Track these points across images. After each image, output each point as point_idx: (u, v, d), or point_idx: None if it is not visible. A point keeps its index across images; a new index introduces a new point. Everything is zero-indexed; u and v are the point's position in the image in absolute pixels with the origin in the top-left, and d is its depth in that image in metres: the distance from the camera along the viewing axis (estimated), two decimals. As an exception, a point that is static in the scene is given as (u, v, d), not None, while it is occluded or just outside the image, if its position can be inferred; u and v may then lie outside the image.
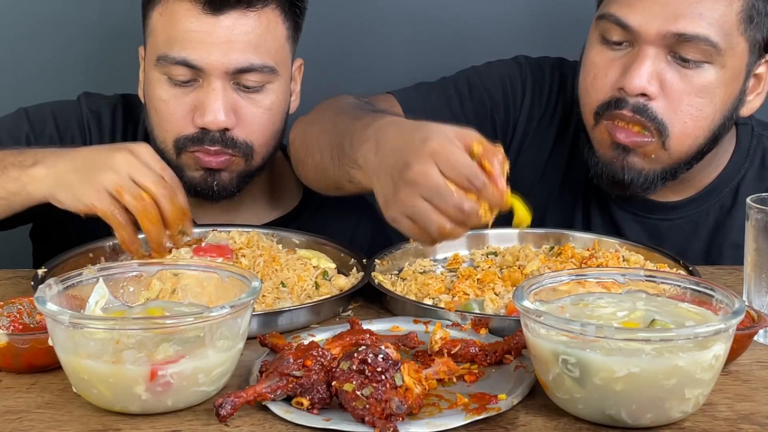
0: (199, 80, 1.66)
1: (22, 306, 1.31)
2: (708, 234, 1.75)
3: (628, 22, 1.59)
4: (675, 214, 1.75)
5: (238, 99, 1.67)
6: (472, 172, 1.25)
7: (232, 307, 1.14)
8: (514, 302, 1.15)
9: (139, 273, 1.31)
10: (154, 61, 1.67)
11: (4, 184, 1.50)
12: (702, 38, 1.56)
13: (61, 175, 1.45)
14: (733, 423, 1.12)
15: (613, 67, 1.62)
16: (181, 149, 1.68)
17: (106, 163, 1.43)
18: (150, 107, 1.71)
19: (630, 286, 1.25)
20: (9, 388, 1.21)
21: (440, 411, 1.12)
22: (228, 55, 1.64)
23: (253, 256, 1.50)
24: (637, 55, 1.59)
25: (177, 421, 1.12)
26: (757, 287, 1.35)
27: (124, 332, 1.13)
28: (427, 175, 1.25)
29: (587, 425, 1.11)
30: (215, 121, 1.64)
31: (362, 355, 1.10)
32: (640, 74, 1.57)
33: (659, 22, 1.57)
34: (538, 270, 1.49)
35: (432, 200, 1.25)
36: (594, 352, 1.07)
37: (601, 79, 1.63)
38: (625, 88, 1.59)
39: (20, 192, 1.49)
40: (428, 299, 1.44)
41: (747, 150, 1.76)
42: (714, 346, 1.08)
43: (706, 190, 1.75)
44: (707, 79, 1.59)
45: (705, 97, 1.60)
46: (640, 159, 1.62)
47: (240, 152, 1.68)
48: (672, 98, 1.59)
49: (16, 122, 1.77)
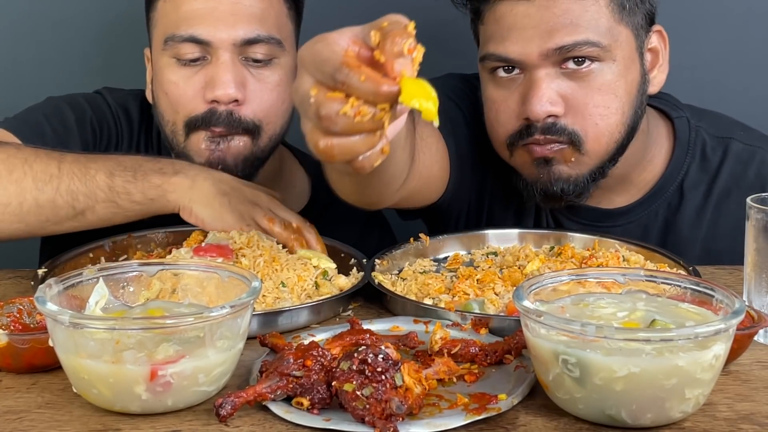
0: (207, 57, 1.67)
1: (22, 306, 1.31)
2: (659, 234, 1.75)
3: (509, 55, 1.59)
4: (624, 219, 1.75)
5: (247, 74, 1.68)
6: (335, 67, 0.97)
7: (232, 307, 1.14)
8: (514, 302, 1.15)
9: (139, 273, 1.31)
10: (162, 46, 1.69)
11: (144, 190, 1.53)
12: (584, 43, 1.57)
13: (208, 194, 1.56)
14: (733, 423, 1.12)
15: (511, 100, 1.62)
16: (192, 129, 1.69)
17: (254, 199, 1.60)
18: (160, 94, 1.72)
19: (630, 286, 1.24)
20: (9, 388, 1.21)
21: (440, 411, 1.12)
22: (235, 27, 1.66)
23: (253, 256, 1.50)
24: (531, 82, 1.59)
25: (177, 421, 1.12)
26: (757, 287, 1.35)
27: (124, 332, 1.13)
28: (298, 87, 1.01)
29: (587, 425, 1.11)
30: (226, 93, 1.65)
31: (362, 355, 1.10)
32: (539, 100, 1.57)
33: (537, 44, 1.57)
34: (538, 270, 1.49)
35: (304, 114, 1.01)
36: (594, 352, 1.07)
37: (504, 113, 1.63)
38: (530, 117, 1.59)
39: (159, 199, 1.54)
40: (428, 299, 1.44)
41: (687, 144, 1.75)
42: (714, 346, 1.08)
43: (652, 192, 1.75)
44: (604, 78, 1.59)
45: (608, 94, 1.60)
46: (564, 166, 1.62)
47: (247, 132, 1.69)
48: (577, 108, 1.59)
49: (58, 109, 1.76)
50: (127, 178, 1.53)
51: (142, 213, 1.55)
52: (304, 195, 1.89)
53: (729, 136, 1.76)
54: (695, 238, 1.74)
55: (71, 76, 2.18)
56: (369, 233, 1.89)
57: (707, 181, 1.74)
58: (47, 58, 2.20)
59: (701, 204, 1.74)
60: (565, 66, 1.58)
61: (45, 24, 2.20)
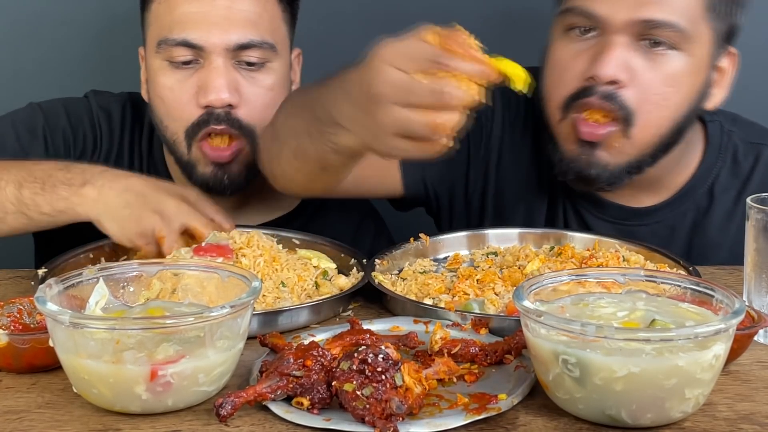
0: (200, 61, 1.67)
1: (22, 306, 1.31)
2: (686, 236, 1.74)
3: (596, 11, 1.57)
4: (651, 218, 1.74)
5: (240, 78, 1.68)
6: (435, 54, 1.16)
7: (232, 307, 1.14)
8: (514, 302, 1.15)
9: (139, 273, 1.31)
10: (155, 49, 1.69)
11: (52, 202, 1.51)
12: (670, 24, 1.55)
13: (112, 206, 1.50)
14: (733, 423, 1.12)
15: (580, 59, 1.60)
16: (192, 139, 1.69)
17: (157, 208, 1.50)
18: (155, 99, 1.72)
19: (630, 286, 1.24)
20: (9, 388, 1.21)
21: (440, 411, 1.12)
22: (227, 32, 1.66)
23: (253, 256, 1.50)
24: (605, 44, 1.57)
25: (177, 421, 1.12)
26: (757, 287, 1.35)
27: (124, 332, 1.13)
28: (388, 79, 1.17)
29: (587, 425, 1.11)
30: (219, 98, 1.65)
31: (362, 355, 1.10)
32: (609, 61, 1.56)
33: (626, 10, 1.55)
34: (538, 270, 1.49)
35: (406, 100, 1.17)
36: (594, 352, 1.07)
37: (569, 72, 1.61)
38: (596, 76, 1.57)
39: (67, 211, 1.51)
40: (428, 299, 1.44)
41: (718, 148, 1.75)
42: (714, 346, 1.08)
43: (681, 193, 1.74)
44: (676, 67, 1.58)
45: (673, 86, 1.59)
46: (605, 153, 1.60)
47: (245, 134, 1.69)
48: (641, 86, 1.57)
49: (31, 115, 1.78)
50: (36, 190, 1.52)
51: (54, 223, 1.54)
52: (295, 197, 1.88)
53: (761, 142, 1.76)
54: (723, 242, 1.73)
55: (69, 77, 2.18)
56: (365, 230, 1.89)
57: (738, 186, 1.73)
58: (46, 57, 2.20)
59: (731, 208, 1.73)
60: (642, 42, 1.57)
61: (45, 24, 2.19)
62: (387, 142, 1.22)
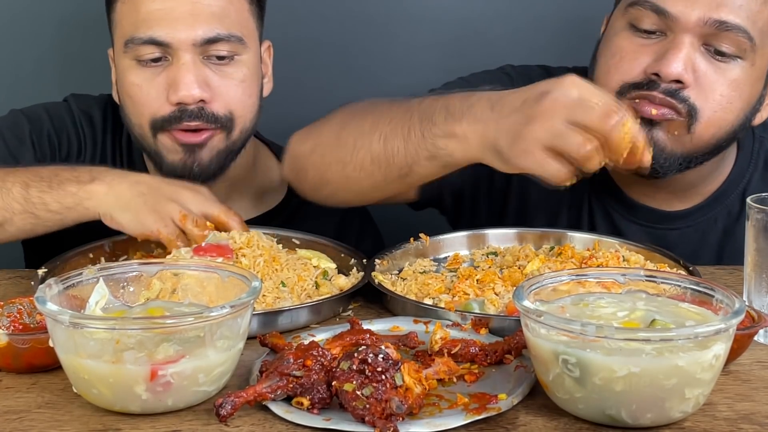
0: (168, 58, 1.67)
1: (22, 306, 1.31)
2: (717, 241, 1.74)
3: (668, 8, 1.57)
4: (683, 222, 1.74)
5: (210, 73, 1.68)
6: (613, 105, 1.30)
7: (232, 307, 1.14)
8: (514, 302, 1.15)
9: (139, 273, 1.31)
10: (123, 49, 1.68)
11: (60, 199, 1.51)
12: (740, 29, 1.56)
13: (124, 198, 1.50)
14: (733, 423, 1.12)
15: (643, 53, 1.59)
16: (158, 130, 1.68)
17: (173, 197, 1.52)
18: (124, 96, 1.72)
19: (630, 286, 1.24)
20: (9, 388, 1.21)
21: (440, 411, 1.12)
22: (194, 27, 1.65)
23: (253, 256, 1.50)
24: (673, 43, 1.57)
25: (177, 421, 1.12)
26: (757, 287, 1.35)
27: (124, 332, 1.13)
28: (568, 93, 1.30)
29: (587, 425, 1.11)
30: (190, 95, 1.65)
31: (362, 355, 1.10)
32: (677, 60, 1.55)
33: (701, 9, 1.55)
34: (538, 270, 1.49)
35: (575, 116, 1.29)
36: (594, 352, 1.07)
37: (629, 62, 1.60)
38: (661, 72, 1.56)
39: (76, 207, 1.51)
40: (428, 299, 1.44)
41: (750, 154, 1.75)
42: (714, 346, 1.08)
43: (713, 197, 1.74)
44: (737, 74, 1.58)
45: (735, 91, 1.59)
46: (665, 135, 1.59)
47: (220, 125, 1.68)
48: (704, 88, 1.57)
49: (16, 121, 1.77)
50: (43, 188, 1.52)
51: (62, 222, 1.53)
52: (281, 188, 1.88)
53: None
54: None
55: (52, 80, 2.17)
56: (349, 224, 1.88)
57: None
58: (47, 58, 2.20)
59: None
60: (707, 47, 1.57)
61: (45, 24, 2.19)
62: (530, 151, 1.32)
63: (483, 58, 1.90)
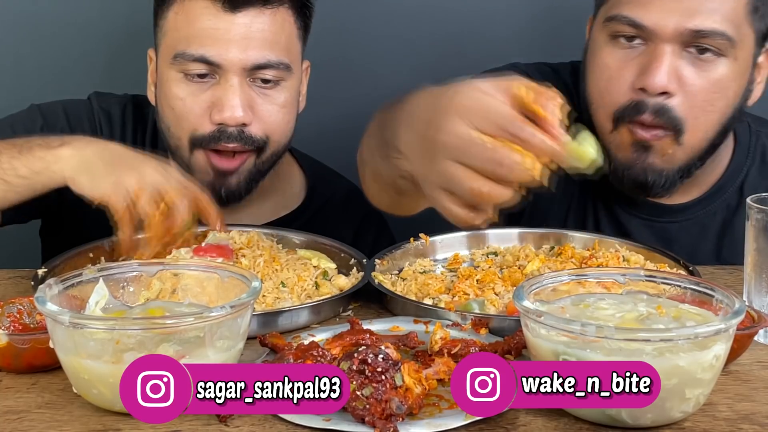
0: (215, 77, 1.67)
1: (22, 306, 1.31)
2: (716, 234, 1.75)
3: (643, 22, 1.58)
4: (683, 215, 1.75)
5: (254, 96, 1.69)
6: (508, 119, 1.09)
7: (232, 307, 1.14)
8: (514, 302, 1.15)
9: (139, 273, 1.31)
10: (170, 60, 1.69)
11: (29, 164, 1.50)
12: (718, 33, 1.57)
13: (88, 161, 1.47)
14: (734, 423, 1.12)
15: (628, 68, 1.61)
16: (196, 146, 1.69)
17: (135, 166, 1.46)
18: (165, 107, 1.72)
19: (630, 286, 1.24)
20: (9, 388, 1.21)
21: (440, 411, 1.12)
22: (246, 51, 1.65)
23: (253, 256, 1.50)
24: (654, 53, 1.58)
25: (177, 420, 1.12)
26: (757, 287, 1.35)
27: (124, 332, 1.13)
28: (454, 131, 1.10)
29: (587, 425, 1.11)
30: (233, 117, 1.65)
31: (362, 355, 1.10)
32: (660, 73, 1.57)
33: (675, 20, 1.56)
34: (538, 270, 1.49)
35: (461, 159, 1.10)
36: (594, 353, 1.07)
37: (617, 81, 1.62)
38: (647, 87, 1.58)
39: (43, 171, 1.49)
40: (428, 299, 1.44)
41: (747, 148, 1.77)
42: (714, 346, 1.08)
43: (712, 191, 1.75)
44: (722, 73, 1.60)
45: (719, 92, 1.60)
46: (659, 159, 1.63)
47: (255, 147, 1.69)
48: (689, 94, 1.59)
49: (30, 116, 1.78)
50: (13, 154, 1.51)
51: (32, 188, 1.50)
52: (300, 194, 1.89)
53: None
54: None
55: (73, 78, 2.18)
56: (365, 231, 1.89)
57: (766, 185, 1.74)
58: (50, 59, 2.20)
59: None
60: (688, 49, 1.58)
61: (47, 25, 2.19)
62: (431, 190, 1.16)
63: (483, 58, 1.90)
